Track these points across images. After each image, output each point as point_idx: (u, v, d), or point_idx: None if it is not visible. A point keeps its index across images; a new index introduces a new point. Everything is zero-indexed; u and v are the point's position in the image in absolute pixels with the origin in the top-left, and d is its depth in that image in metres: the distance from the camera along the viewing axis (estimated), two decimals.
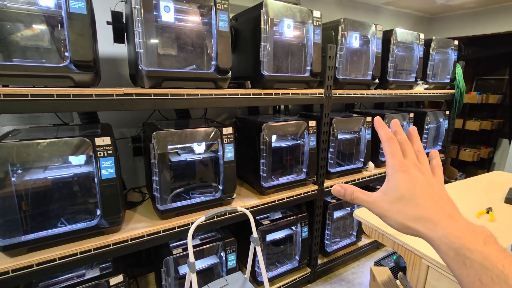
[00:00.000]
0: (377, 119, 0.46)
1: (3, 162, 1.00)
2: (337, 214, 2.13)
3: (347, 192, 0.45)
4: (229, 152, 1.47)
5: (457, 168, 3.82)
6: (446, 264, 0.37)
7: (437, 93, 2.59)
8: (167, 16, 1.27)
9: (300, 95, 1.66)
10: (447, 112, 2.75)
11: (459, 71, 2.68)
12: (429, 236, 0.38)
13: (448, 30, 3.41)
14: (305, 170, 1.83)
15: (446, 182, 2.40)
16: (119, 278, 1.25)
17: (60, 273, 1.30)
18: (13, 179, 1.04)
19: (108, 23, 1.36)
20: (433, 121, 2.67)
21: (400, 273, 1.16)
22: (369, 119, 2.12)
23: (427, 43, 2.41)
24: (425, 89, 2.55)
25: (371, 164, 2.24)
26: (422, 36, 2.28)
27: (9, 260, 1.05)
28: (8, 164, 1.01)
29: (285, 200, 1.73)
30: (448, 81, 2.66)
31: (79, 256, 1.14)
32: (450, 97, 2.72)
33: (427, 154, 0.44)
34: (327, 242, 2.11)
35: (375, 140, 2.23)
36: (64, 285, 1.21)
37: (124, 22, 1.37)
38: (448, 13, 3.34)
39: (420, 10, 3.22)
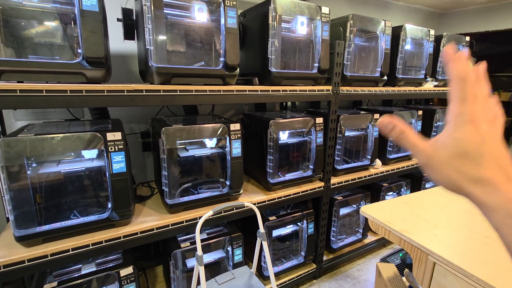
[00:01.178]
0: (448, 47, 0.38)
1: (19, 155, 1.03)
2: (343, 211, 2.13)
3: (395, 129, 0.39)
4: (236, 148, 1.49)
5: None
6: (497, 231, 0.34)
7: (447, 90, 2.55)
8: (177, 13, 1.28)
9: (307, 92, 1.66)
10: None
11: None
12: (484, 201, 0.34)
13: (459, 26, 3.35)
14: (311, 166, 1.84)
15: None
16: (129, 270, 1.28)
17: (72, 264, 1.34)
18: (28, 172, 1.08)
19: (118, 20, 1.38)
20: (442, 118, 2.63)
21: (406, 269, 1.17)
22: (376, 116, 2.11)
23: (438, 39, 2.37)
24: (435, 86, 2.52)
25: (378, 162, 2.23)
26: (432, 32, 2.24)
27: (25, 250, 1.10)
28: (24, 157, 1.05)
29: (292, 196, 1.74)
30: None
31: (91, 247, 1.18)
32: None
33: None
34: (333, 238, 2.12)
35: (383, 138, 2.21)
36: (76, 275, 1.25)
37: (134, 19, 1.39)
38: (460, 8, 3.28)
39: (431, 5, 3.16)
